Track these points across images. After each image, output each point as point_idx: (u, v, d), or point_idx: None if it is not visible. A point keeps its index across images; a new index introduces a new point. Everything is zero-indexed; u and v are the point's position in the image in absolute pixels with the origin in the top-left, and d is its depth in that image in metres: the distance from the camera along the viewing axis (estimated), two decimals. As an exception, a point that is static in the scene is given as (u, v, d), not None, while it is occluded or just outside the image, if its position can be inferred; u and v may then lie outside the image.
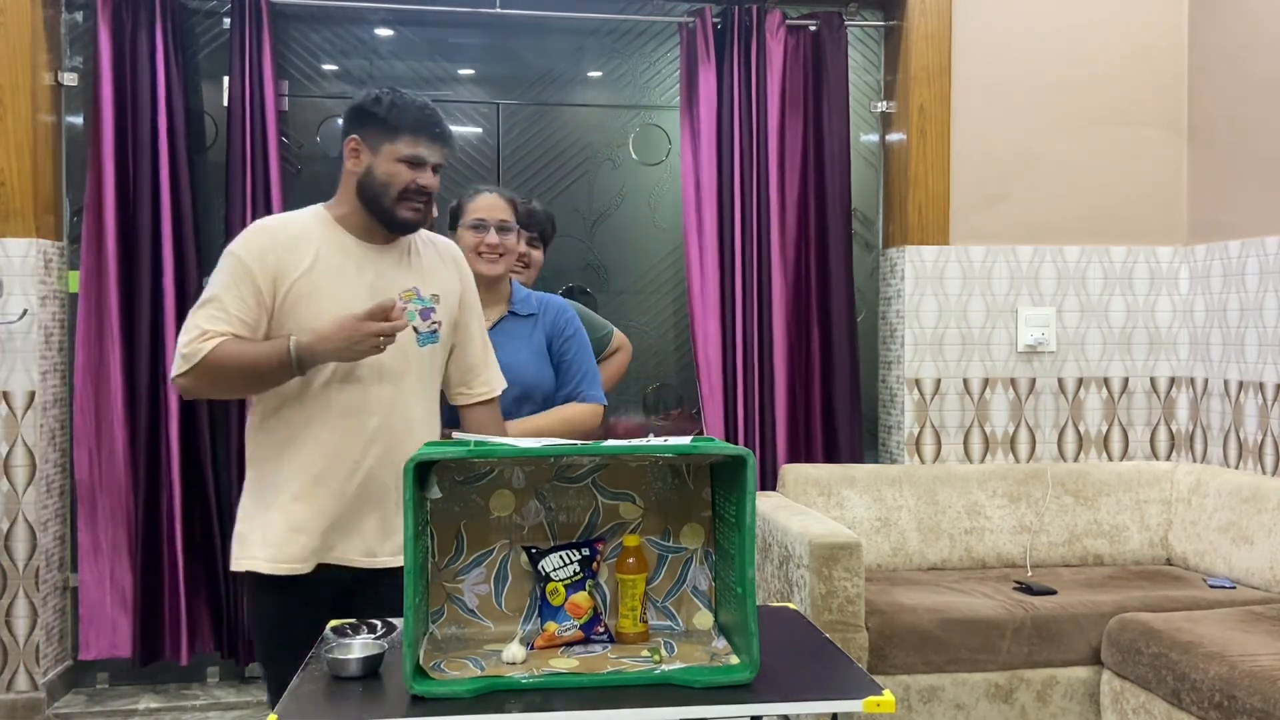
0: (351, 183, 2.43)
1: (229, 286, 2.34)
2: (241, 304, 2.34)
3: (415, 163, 2.40)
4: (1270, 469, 3.97)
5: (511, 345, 2.80)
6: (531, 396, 2.82)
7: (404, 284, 2.45)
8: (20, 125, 3.83)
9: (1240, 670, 2.86)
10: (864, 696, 1.88)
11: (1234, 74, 4.19)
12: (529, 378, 2.81)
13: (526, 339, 2.85)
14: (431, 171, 2.43)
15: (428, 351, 2.48)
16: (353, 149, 2.43)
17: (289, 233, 2.42)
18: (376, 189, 2.40)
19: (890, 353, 4.45)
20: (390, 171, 2.39)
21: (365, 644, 2.09)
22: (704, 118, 4.25)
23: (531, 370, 2.82)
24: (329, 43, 4.37)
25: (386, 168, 2.39)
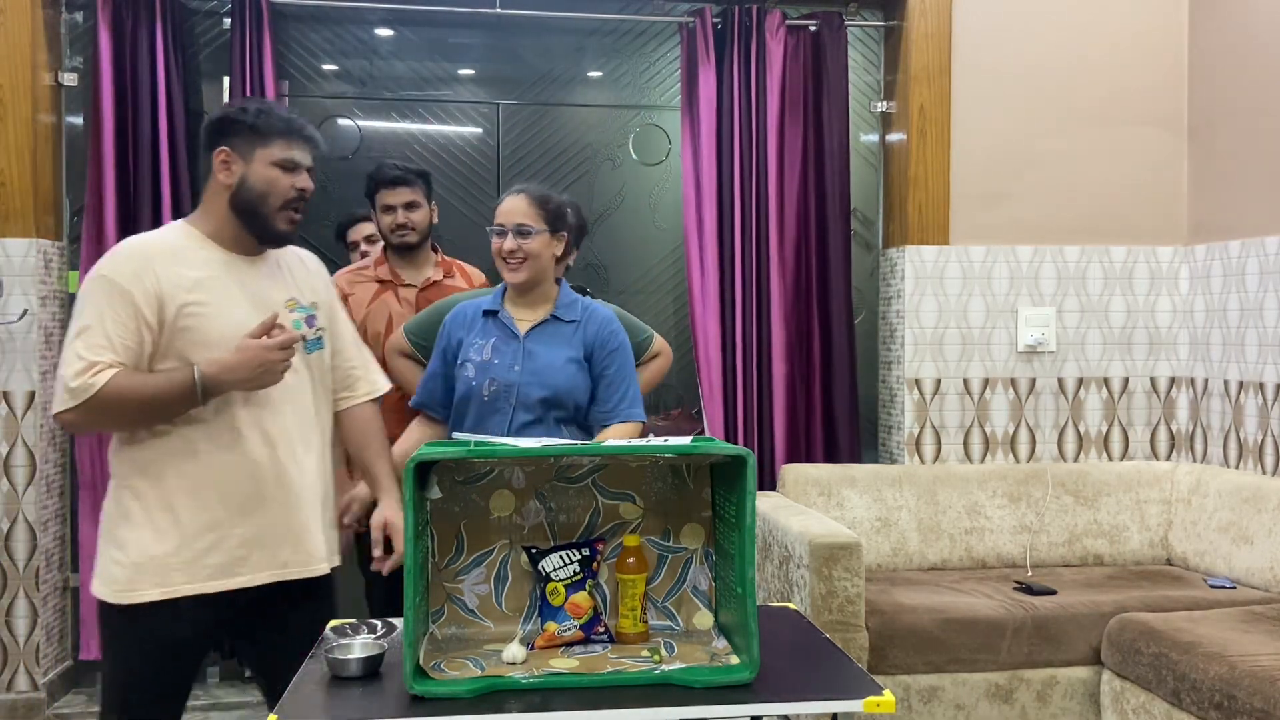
0: (223, 196, 2.34)
1: (106, 312, 2.20)
2: (123, 330, 2.21)
3: (289, 166, 2.34)
4: (1270, 469, 3.97)
5: (549, 348, 2.75)
6: (561, 403, 2.74)
7: (282, 296, 2.41)
8: (20, 125, 3.83)
9: (1240, 670, 2.86)
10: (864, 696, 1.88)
11: (1234, 74, 4.19)
12: (560, 383, 2.73)
13: (565, 343, 2.77)
14: (306, 174, 2.38)
15: (316, 358, 2.46)
16: (223, 161, 2.33)
17: (164, 251, 2.30)
18: (254, 198, 2.33)
19: (890, 353, 4.45)
20: (267, 178, 2.33)
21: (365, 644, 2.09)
22: (704, 118, 4.25)
23: (564, 376, 2.74)
24: (329, 43, 4.37)
25: (262, 174, 2.33)
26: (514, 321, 2.78)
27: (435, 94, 4.44)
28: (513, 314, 2.79)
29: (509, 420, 2.71)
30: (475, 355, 2.76)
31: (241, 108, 2.37)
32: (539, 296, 2.80)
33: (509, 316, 2.79)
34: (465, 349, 2.79)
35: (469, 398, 2.75)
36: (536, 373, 2.71)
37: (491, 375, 2.73)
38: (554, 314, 2.79)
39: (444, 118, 4.46)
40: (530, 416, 2.72)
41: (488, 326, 2.79)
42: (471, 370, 2.75)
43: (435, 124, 4.44)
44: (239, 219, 2.34)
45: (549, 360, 2.74)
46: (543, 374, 2.71)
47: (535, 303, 2.80)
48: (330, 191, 4.37)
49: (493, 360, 2.74)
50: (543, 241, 2.75)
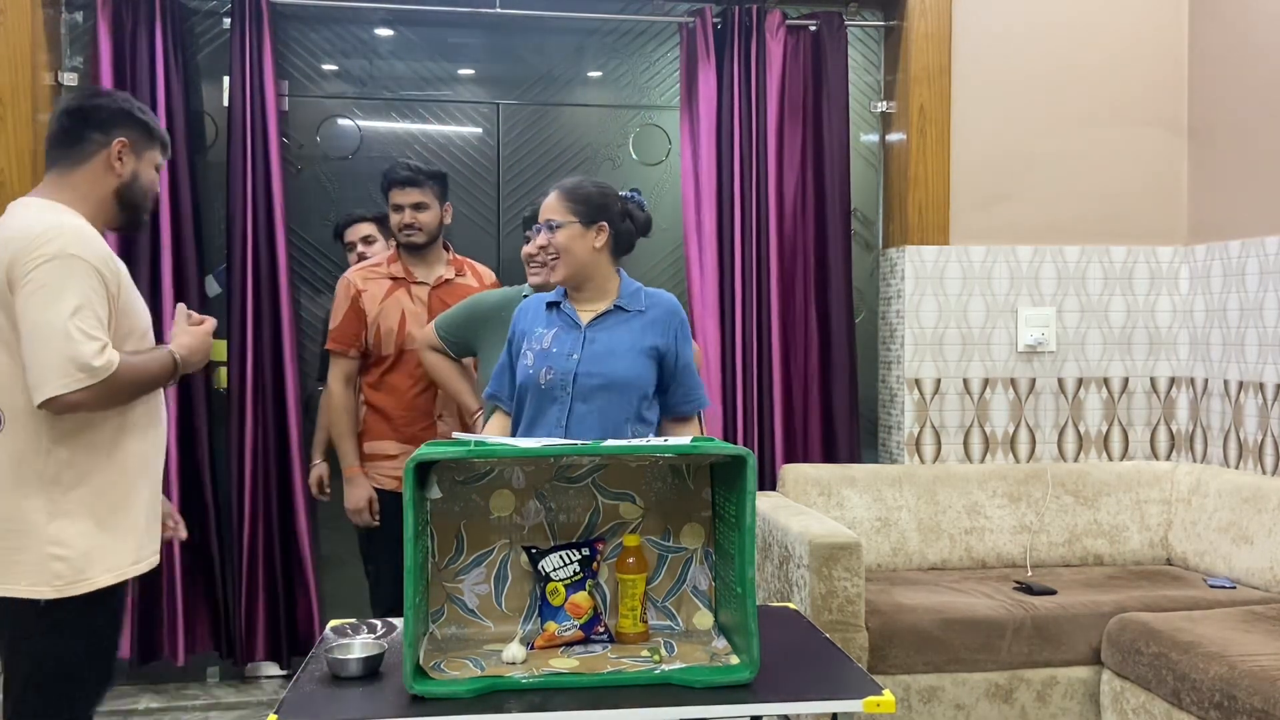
0: (110, 184, 2.36)
1: (89, 294, 2.19)
2: (104, 311, 2.23)
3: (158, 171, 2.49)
4: (1270, 469, 3.97)
5: (611, 336, 2.65)
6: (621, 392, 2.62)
7: None
8: (20, 125, 3.83)
9: (1240, 670, 2.86)
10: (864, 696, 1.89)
11: (1234, 74, 4.19)
12: (620, 371, 2.62)
13: (629, 332, 2.66)
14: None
15: None
16: (120, 151, 2.36)
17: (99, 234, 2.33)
18: (139, 195, 2.40)
19: (890, 353, 4.45)
20: (152, 180, 2.45)
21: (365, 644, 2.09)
22: (704, 118, 4.25)
23: (624, 364, 2.62)
24: (329, 43, 4.37)
25: (150, 175, 2.43)
26: (576, 312, 2.69)
27: (435, 94, 4.44)
28: (575, 307, 2.71)
29: (566, 410, 2.61)
30: (536, 344, 2.68)
31: (139, 106, 2.43)
32: (596, 291, 2.70)
33: (571, 309, 2.70)
34: (528, 339, 2.71)
35: (526, 386, 2.67)
36: (596, 360, 2.62)
37: (549, 363, 2.64)
38: (617, 304, 2.69)
39: (444, 118, 4.46)
40: (588, 406, 2.61)
41: (551, 318, 2.71)
42: (530, 359, 2.68)
43: (435, 124, 4.44)
44: (120, 209, 2.40)
45: (610, 348, 2.64)
46: (603, 361, 2.62)
47: (594, 297, 2.70)
48: (330, 191, 4.37)
49: (551, 349, 2.66)
50: (571, 234, 2.64)
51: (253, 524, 4.05)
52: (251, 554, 4.06)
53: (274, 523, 4.09)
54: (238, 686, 4.19)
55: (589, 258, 2.66)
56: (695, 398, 2.75)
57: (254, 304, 4.02)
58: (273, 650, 4.15)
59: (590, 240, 2.65)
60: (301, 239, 4.34)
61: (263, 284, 4.03)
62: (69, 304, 2.16)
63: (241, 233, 4.02)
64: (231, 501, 4.06)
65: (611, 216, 2.69)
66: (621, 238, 2.73)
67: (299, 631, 4.16)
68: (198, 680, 4.21)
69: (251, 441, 4.04)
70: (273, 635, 4.13)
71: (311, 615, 4.14)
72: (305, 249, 4.34)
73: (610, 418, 2.60)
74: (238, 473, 4.05)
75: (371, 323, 3.46)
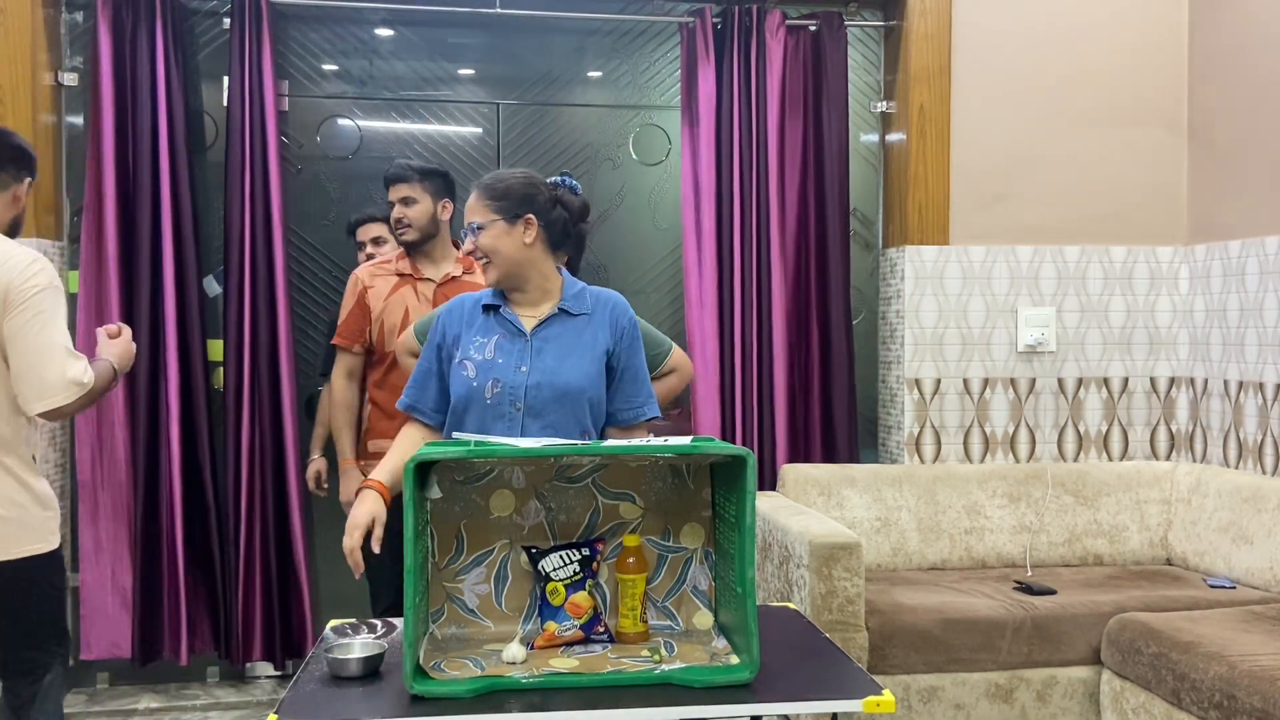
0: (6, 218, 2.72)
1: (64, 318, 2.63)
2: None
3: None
4: (1270, 469, 3.97)
5: (559, 345, 2.47)
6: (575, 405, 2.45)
7: None
8: (20, 125, 3.82)
9: (1240, 670, 2.86)
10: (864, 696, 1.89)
11: (1234, 74, 4.19)
12: (574, 381, 2.44)
13: (577, 338, 2.49)
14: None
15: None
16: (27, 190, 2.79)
17: None
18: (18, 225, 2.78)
19: (890, 353, 4.45)
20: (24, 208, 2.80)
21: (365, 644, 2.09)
22: (704, 118, 4.25)
23: (577, 374, 2.45)
24: (329, 43, 4.37)
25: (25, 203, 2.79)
26: (518, 318, 2.48)
27: (435, 94, 4.44)
28: (516, 311, 2.50)
29: (518, 427, 2.41)
30: (476, 354, 2.46)
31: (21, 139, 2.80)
32: (537, 292, 2.50)
33: (511, 314, 2.49)
34: (464, 346, 2.49)
35: (469, 400, 2.45)
36: (546, 373, 2.42)
37: (495, 376, 2.43)
38: (560, 307, 2.49)
39: (444, 118, 4.45)
40: (541, 423, 2.41)
41: (489, 323, 2.50)
42: (471, 370, 2.45)
43: (435, 124, 4.44)
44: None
45: (561, 357, 2.45)
46: (554, 373, 2.43)
47: (536, 299, 2.50)
48: (329, 191, 4.37)
49: (496, 359, 2.45)
50: (496, 233, 2.44)
51: (249, 524, 4.05)
52: (248, 554, 4.06)
53: (270, 522, 4.09)
54: (238, 686, 4.19)
55: (520, 255, 2.45)
56: (637, 404, 2.53)
57: (251, 304, 4.02)
58: (267, 651, 4.15)
59: (519, 237, 2.45)
60: (301, 239, 4.34)
61: (260, 284, 4.03)
62: (60, 328, 2.58)
63: (239, 233, 4.02)
64: (228, 501, 4.06)
65: (539, 207, 2.47)
66: (554, 228, 2.51)
67: (294, 632, 4.16)
68: (198, 680, 4.21)
69: (248, 441, 4.04)
70: (268, 636, 4.13)
71: (305, 616, 4.14)
72: (305, 249, 4.35)
73: (564, 431, 2.42)
74: (234, 472, 4.05)
75: (375, 319, 3.47)
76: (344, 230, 4.06)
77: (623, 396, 2.52)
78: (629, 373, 2.52)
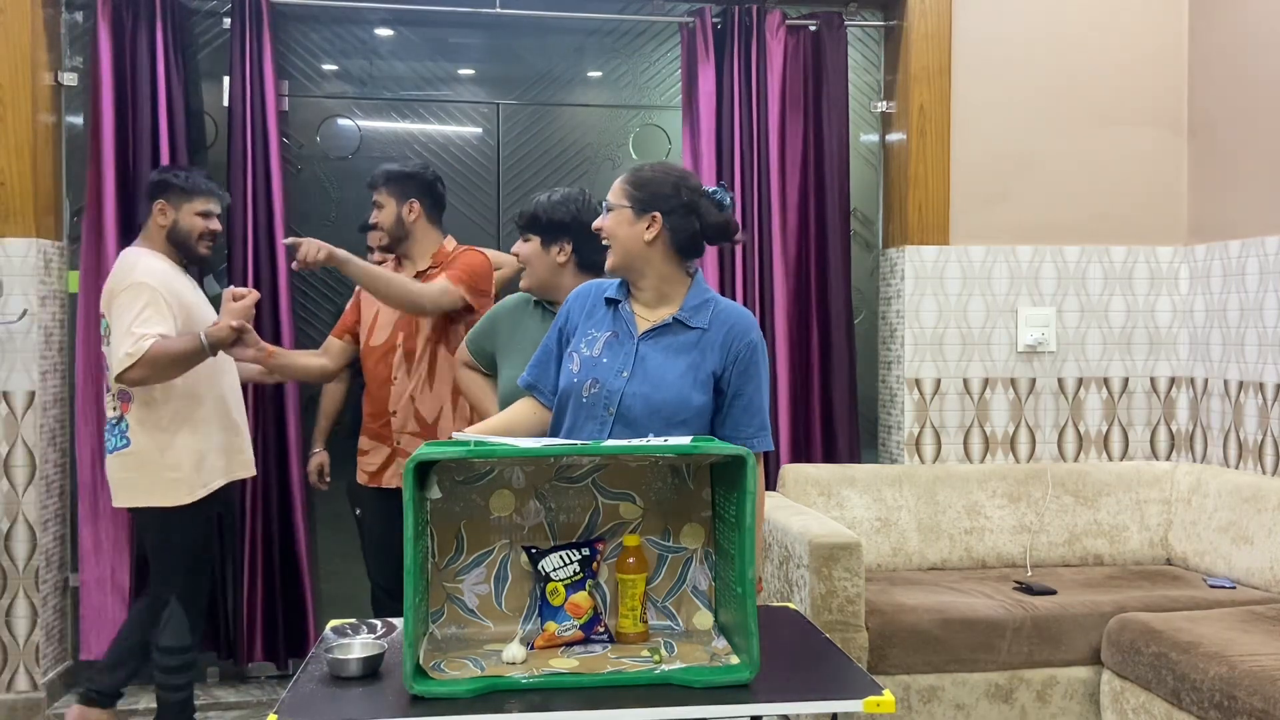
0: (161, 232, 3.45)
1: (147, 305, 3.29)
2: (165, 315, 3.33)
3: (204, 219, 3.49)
4: (1270, 469, 3.97)
5: (665, 357, 2.37)
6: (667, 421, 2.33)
7: None
8: (20, 125, 3.83)
9: (1240, 670, 2.86)
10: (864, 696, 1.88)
11: (1234, 74, 4.19)
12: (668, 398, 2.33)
13: (685, 353, 2.36)
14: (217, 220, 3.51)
15: None
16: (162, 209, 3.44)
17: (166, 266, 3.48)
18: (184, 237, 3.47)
19: (890, 353, 4.45)
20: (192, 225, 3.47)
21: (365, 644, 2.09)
22: (704, 118, 4.25)
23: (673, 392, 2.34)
24: (329, 43, 4.37)
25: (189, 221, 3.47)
26: (634, 319, 2.39)
27: (435, 94, 4.44)
28: (634, 310, 2.41)
29: (606, 432, 2.33)
30: (586, 347, 2.40)
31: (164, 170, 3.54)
32: (655, 294, 2.40)
33: (629, 313, 2.40)
34: (578, 337, 2.43)
35: (568, 395, 2.39)
36: (645, 382, 2.33)
37: (595, 375, 2.36)
38: (676, 316, 2.38)
39: (444, 118, 4.45)
40: (631, 432, 2.31)
41: (607, 317, 2.42)
42: (576, 363, 2.39)
43: (435, 124, 4.44)
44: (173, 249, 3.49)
45: (662, 369, 2.34)
46: (652, 386, 2.33)
47: (656, 301, 2.40)
48: (330, 191, 4.37)
49: (601, 358, 2.37)
50: (620, 219, 2.37)
51: (251, 523, 4.06)
52: (251, 553, 4.06)
53: (272, 522, 4.09)
54: (238, 686, 4.19)
55: (638, 250, 2.37)
56: (745, 435, 2.37)
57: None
58: (268, 650, 4.15)
59: (640, 230, 2.36)
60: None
61: (262, 284, 4.03)
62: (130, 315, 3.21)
63: (241, 233, 4.02)
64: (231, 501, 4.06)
65: (671, 208, 2.37)
66: (681, 234, 2.38)
67: (296, 632, 4.16)
68: (198, 680, 4.20)
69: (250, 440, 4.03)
70: (269, 636, 4.13)
71: (307, 615, 4.14)
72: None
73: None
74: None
75: (363, 316, 3.64)
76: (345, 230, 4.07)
77: (731, 424, 2.38)
78: (740, 400, 2.37)
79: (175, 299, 3.31)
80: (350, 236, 4.36)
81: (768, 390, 2.44)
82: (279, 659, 4.19)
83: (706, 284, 2.47)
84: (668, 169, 2.43)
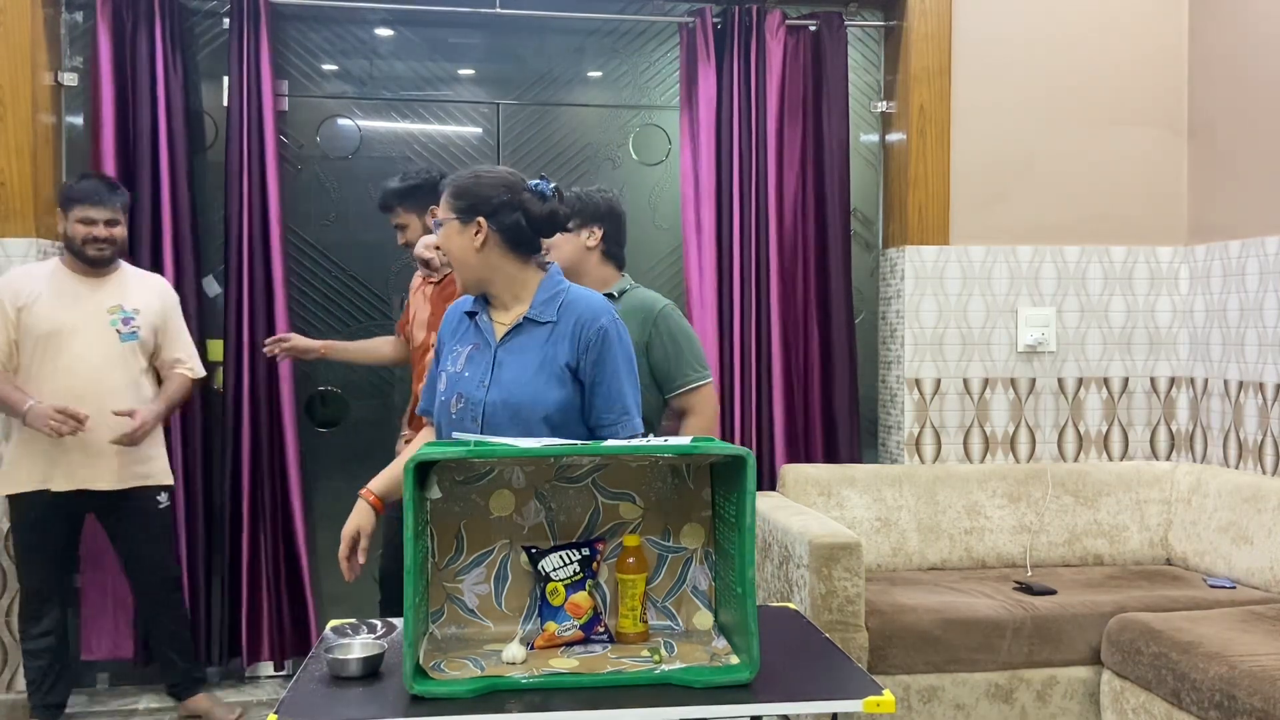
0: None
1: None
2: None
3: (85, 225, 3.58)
4: (1270, 469, 3.97)
5: (519, 358, 2.36)
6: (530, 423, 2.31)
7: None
8: (20, 125, 3.83)
9: (1240, 670, 2.86)
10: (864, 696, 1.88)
11: (1234, 74, 4.19)
12: (524, 399, 2.32)
13: (538, 350, 2.35)
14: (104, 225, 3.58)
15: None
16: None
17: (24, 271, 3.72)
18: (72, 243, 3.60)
19: (890, 353, 4.45)
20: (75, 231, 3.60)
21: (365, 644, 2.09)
22: (704, 118, 4.25)
23: (529, 392, 2.32)
24: (329, 43, 4.37)
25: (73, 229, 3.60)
26: (491, 327, 2.40)
27: (435, 94, 4.44)
28: (491, 317, 2.42)
29: None
30: (450, 364, 2.42)
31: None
32: (507, 297, 2.39)
33: (487, 322, 2.41)
34: (446, 354, 2.45)
35: (438, 414, 2.43)
36: (502, 390, 2.32)
37: (459, 390, 2.37)
38: (528, 316, 2.37)
39: (444, 118, 4.45)
40: None
41: (468, 331, 2.44)
42: (443, 383, 2.41)
43: (435, 124, 4.44)
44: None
45: (518, 371, 2.34)
46: (508, 390, 2.32)
47: (508, 303, 2.40)
48: (330, 191, 4.37)
49: (464, 372, 2.38)
50: (448, 232, 2.36)
51: (251, 524, 4.05)
52: (252, 554, 4.06)
53: (272, 523, 4.09)
54: (238, 686, 4.19)
55: (473, 259, 2.35)
56: (609, 421, 2.35)
57: (250, 305, 4.02)
58: (271, 651, 4.15)
59: (470, 238, 2.34)
60: (301, 239, 4.34)
61: (258, 285, 4.03)
62: None
63: (238, 233, 4.02)
64: (228, 502, 4.06)
65: (493, 209, 2.34)
66: (508, 234, 2.35)
67: (295, 632, 4.16)
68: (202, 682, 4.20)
69: (249, 442, 4.04)
70: (271, 636, 4.13)
71: (308, 616, 4.14)
72: (305, 249, 4.34)
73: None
74: (233, 473, 4.05)
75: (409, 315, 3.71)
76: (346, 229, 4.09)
77: (595, 413, 2.36)
78: (599, 387, 2.35)
79: (13, 307, 3.52)
80: (351, 236, 4.38)
81: (630, 374, 2.40)
82: (279, 659, 4.19)
83: (561, 276, 2.46)
84: (483, 172, 2.41)
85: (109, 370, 3.58)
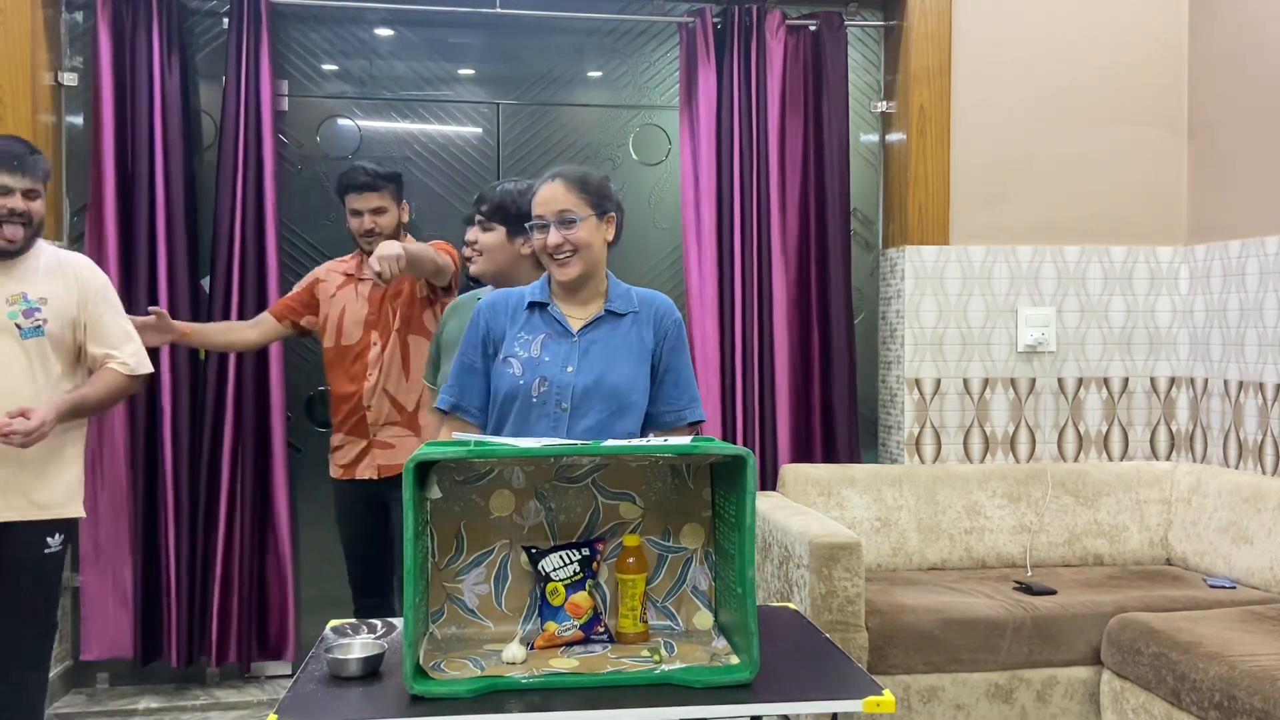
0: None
1: None
2: None
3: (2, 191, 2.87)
4: (1270, 469, 3.97)
5: (607, 346, 2.45)
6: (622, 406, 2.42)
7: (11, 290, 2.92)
8: (20, 125, 3.82)
9: (1240, 670, 2.86)
10: (864, 696, 1.88)
11: (1234, 74, 4.19)
12: (620, 383, 2.42)
13: (624, 339, 2.46)
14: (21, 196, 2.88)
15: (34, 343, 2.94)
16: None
17: None
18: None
19: (890, 353, 4.45)
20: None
21: (365, 644, 2.09)
22: (704, 118, 4.25)
23: (624, 376, 2.42)
24: (329, 43, 4.37)
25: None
26: (566, 318, 2.46)
27: (435, 94, 4.44)
28: (564, 310, 2.47)
29: (563, 426, 2.38)
30: (521, 350, 2.43)
31: None
32: (591, 292, 2.48)
33: (560, 313, 2.46)
34: (509, 343, 2.45)
35: (514, 397, 2.41)
36: (594, 373, 2.40)
37: (542, 374, 2.39)
38: (608, 308, 2.47)
39: (444, 118, 4.45)
40: (586, 423, 2.39)
41: (534, 320, 2.46)
42: (517, 367, 2.41)
43: (435, 124, 4.44)
44: None
45: (609, 358, 2.43)
46: (601, 374, 2.40)
47: (588, 299, 2.48)
48: (330, 192, 4.36)
49: (543, 357, 2.41)
50: (590, 227, 2.42)
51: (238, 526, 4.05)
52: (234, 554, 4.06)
53: (255, 524, 4.09)
54: (238, 686, 4.19)
55: (601, 253, 2.47)
56: (679, 407, 2.49)
57: (239, 305, 4.01)
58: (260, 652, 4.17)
59: (605, 233, 2.47)
60: (301, 239, 4.34)
61: (249, 286, 4.03)
62: None
63: (228, 234, 4.01)
64: (218, 502, 4.05)
65: (617, 206, 2.51)
66: (620, 229, 2.53)
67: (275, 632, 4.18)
68: (198, 680, 4.21)
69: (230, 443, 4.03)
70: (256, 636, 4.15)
71: (287, 615, 4.15)
72: (305, 249, 4.34)
73: (608, 432, 2.40)
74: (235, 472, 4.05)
75: (321, 313, 3.63)
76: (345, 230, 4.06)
77: (664, 399, 2.49)
78: (670, 375, 2.49)
79: None
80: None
81: (692, 366, 2.57)
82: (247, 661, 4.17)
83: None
84: (594, 171, 2.53)
85: (7, 372, 2.86)
